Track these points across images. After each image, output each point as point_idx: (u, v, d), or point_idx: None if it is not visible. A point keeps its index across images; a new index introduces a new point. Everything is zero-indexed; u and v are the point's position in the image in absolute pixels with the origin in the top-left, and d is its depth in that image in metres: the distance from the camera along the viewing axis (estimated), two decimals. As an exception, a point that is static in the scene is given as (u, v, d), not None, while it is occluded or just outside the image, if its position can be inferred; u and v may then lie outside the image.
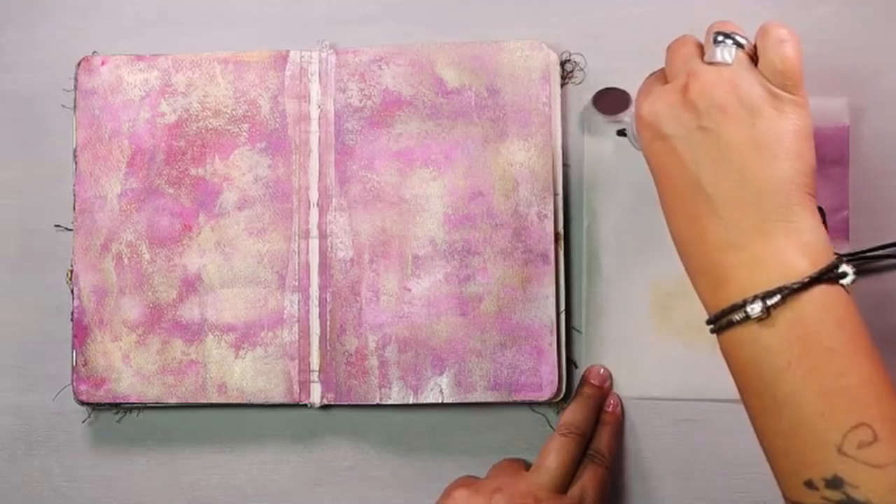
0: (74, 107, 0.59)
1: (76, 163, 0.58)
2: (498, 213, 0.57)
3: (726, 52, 0.46)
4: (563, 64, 0.58)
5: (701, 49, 0.48)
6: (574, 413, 0.55)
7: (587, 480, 0.53)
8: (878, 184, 0.58)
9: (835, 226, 0.57)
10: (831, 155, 0.58)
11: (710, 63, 0.46)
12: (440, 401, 0.56)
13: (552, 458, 0.53)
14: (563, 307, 0.57)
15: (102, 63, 0.59)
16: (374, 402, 0.56)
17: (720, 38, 0.47)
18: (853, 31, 0.59)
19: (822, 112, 0.58)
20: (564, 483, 0.52)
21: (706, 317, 0.46)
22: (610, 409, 0.57)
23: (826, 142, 0.58)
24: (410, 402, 0.56)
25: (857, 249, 0.57)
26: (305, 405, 0.57)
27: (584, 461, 0.54)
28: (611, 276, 0.58)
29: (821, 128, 0.58)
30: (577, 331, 0.58)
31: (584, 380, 0.57)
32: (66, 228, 0.60)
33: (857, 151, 0.58)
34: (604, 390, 0.57)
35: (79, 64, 0.59)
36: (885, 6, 0.59)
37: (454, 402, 0.56)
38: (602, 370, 0.57)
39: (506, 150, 0.57)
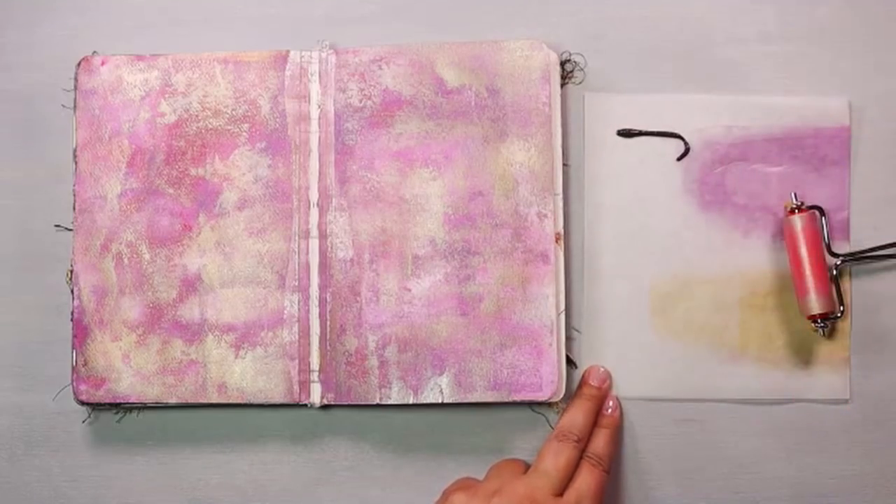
0: (74, 107, 0.59)
1: (76, 163, 0.58)
2: (498, 213, 0.57)
3: None
4: (562, 64, 0.58)
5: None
6: (573, 415, 0.55)
7: (584, 483, 0.52)
8: (878, 184, 0.58)
9: (835, 226, 0.57)
10: (831, 155, 0.58)
11: None
12: (440, 401, 0.56)
13: (550, 460, 0.53)
14: (562, 307, 0.57)
15: (102, 63, 0.59)
16: (374, 402, 0.56)
17: None
18: (853, 31, 0.59)
19: (822, 112, 0.58)
20: (562, 486, 0.52)
21: (706, 317, 0.46)
22: (609, 412, 0.57)
23: (826, 142, 0.58)
24: (410, 402, 0.56)
25: (857, 249, 0.57)
26: (305, 405, 0.57)
27: (581, 463, 0.54)
28: (611, 276, 0.58)
29: (821, 128, 0.58)
30: (577, 331, 0.58)
31: (584, 380, 0.57)
32: (66, 228, 0.60)
33: (857, 151, 0.58)
34: (602, 391, 0.57)
35: (79, 64, 0.59)
36: (885, 6, 0.59)
37: (454, 402, 0.56)
38: (602, 370, 0.57)
39: (506, 150, 0.57)
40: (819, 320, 0.55)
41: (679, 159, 0.58)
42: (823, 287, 0.54)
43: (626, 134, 0.58)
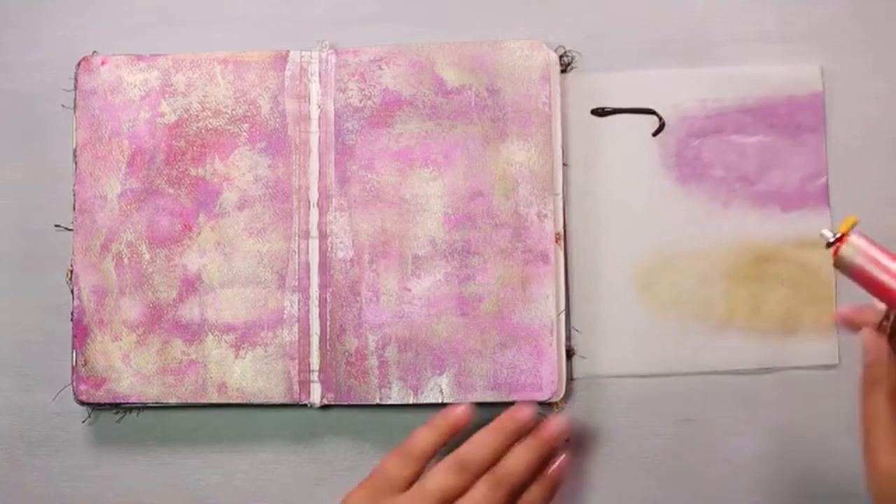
0: (74, 107, 0.59)
1: (76, 163, 0.58)
2: (498, 213, 0.57)
3: None
4: (560, 57, 0.58)
5: None
6: (478, 447, 0.51)
7: None
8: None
9: (814, 192, 0.58)
10: (807, 122, 0.58)
11: None
12: (440, 401, 0.56)
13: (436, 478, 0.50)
14: (563, 307, 0.57)
15: (102, 63, 0.59)
16: (374, 402, 0.56)
17: None
18: (853, 31, 0.59)
19: (795, 80, 0.58)
20: None
21: (691, 290, 0.45)
22: (552, 471, 0.53)
23: (800, 109, 0.58)
24: (410, 402, 0.56)
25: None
26: (305, 405, 0.57)
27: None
28: (594, 255, 0.58)
29: (794, 95, 0.58)
30: (577, 331, 0.58)
31: (512, 412, 0.53)
32: (66, 228, 0.60)
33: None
34: (539, 436, 0.53)
35: (79, 64, 0.59)
36: (886, 6, 0.59)
37: (454, 401, 0.56)
38: (564, 420, 0.54)
39: (506, 150, 0.57)
40: None
41: (654, 135, 0.58)
42: None
43: (599, 113, 0.58)
